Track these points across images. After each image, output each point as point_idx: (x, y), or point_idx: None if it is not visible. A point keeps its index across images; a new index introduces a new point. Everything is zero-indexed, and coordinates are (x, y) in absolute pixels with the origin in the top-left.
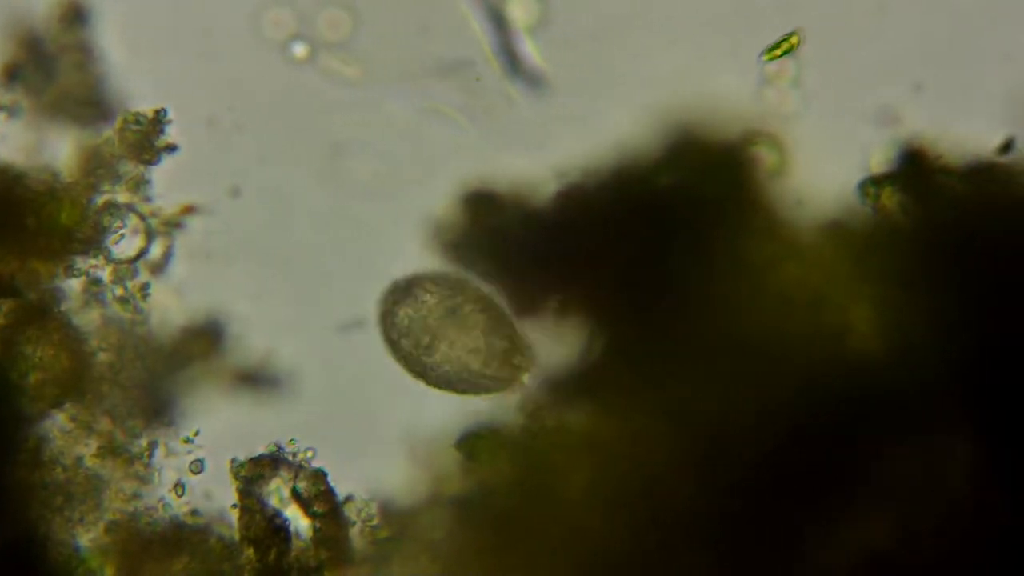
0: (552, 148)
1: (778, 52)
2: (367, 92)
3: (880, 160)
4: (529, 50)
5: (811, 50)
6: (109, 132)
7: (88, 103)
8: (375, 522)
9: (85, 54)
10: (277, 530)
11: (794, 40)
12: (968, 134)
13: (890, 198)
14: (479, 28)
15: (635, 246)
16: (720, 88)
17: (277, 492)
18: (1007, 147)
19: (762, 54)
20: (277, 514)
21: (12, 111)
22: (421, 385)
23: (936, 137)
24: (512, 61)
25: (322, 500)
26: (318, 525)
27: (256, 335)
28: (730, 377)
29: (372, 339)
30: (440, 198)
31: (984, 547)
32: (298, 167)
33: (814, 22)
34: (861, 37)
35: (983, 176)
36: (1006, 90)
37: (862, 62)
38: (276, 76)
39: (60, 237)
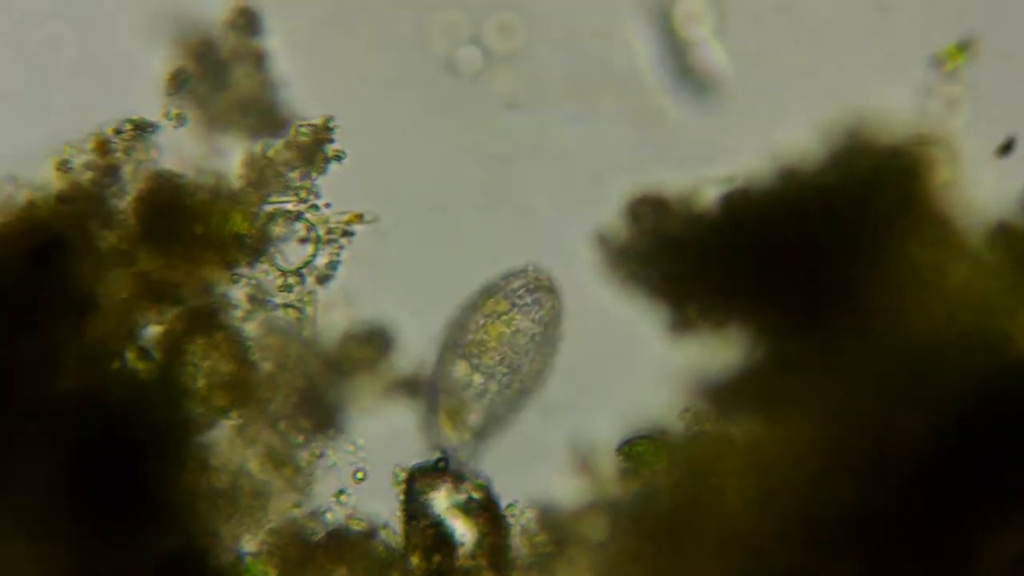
0: (720, 159)
1: (957, 59)
2: (534, 104)
3: None
4: (713, 55)
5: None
6: (277, 140)
7: (259, 112)
8: (537, 529)
9: (257, 63)
10: (441, 537)
11: (964, 49)
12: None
13: None
14: (644, 37)
15: (800, 251)
16: (886, 99)
17: (440, 499)
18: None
19: (935, 63)
20: (441, 521)
21: (180, 119)
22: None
23: None
24: (682, 70)
25: (485, 507)
26: (481, 532)
27: (420, 343)
28: (894, 383)
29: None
30: (607, 208)
31: None
32: (463, 177)
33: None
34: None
35: None
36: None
37: None
38: (444, 85)
39: (228, 245)
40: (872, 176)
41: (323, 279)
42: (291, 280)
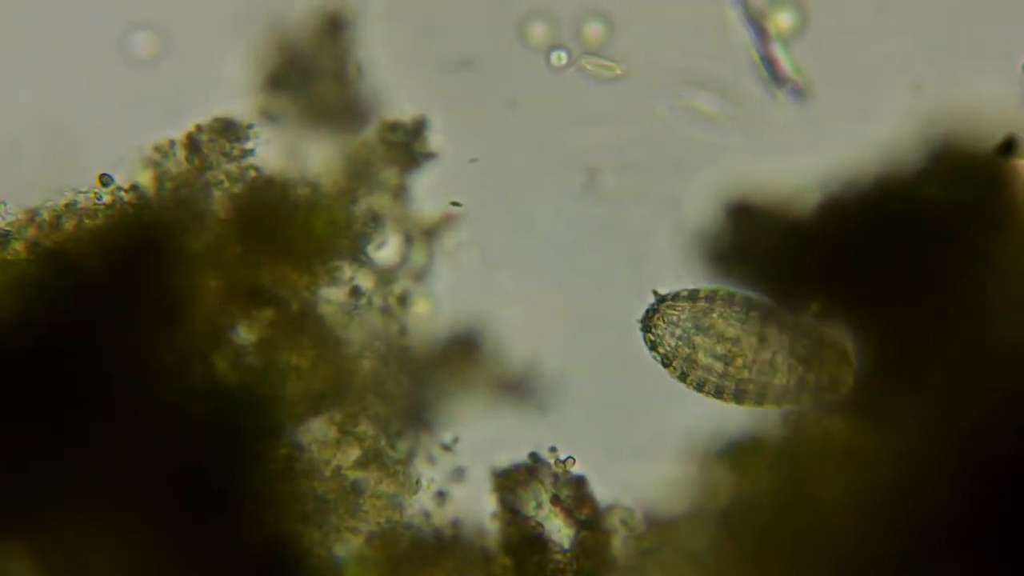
0: (812, 153)
1: None
2: (626, 99)
3: None
4: (783, 59)
5: None
6: (365, 139)
7: (344, 111)
8: (638, 531)
9: (342, 62)
10: (534, 539)
11: None
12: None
13: None
14: (748, 34)
15: (897, 255)
16: (980, 94)
17: (538, 500)
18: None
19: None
20: (535, 522)
21: (276, 118)
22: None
23: None
24: (774, 68)
25: (583, 507)
26: (580, 533)
27: (518, 343)
28: (990, 385)
29: (636, 344)
30: (700, 205)
31: None
32: (556, 175)
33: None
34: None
35: None
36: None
37: None
38: (536, 83)
39: (318, 246)
40: (966, 179)
41: (417, 278)
42: (385, 280)
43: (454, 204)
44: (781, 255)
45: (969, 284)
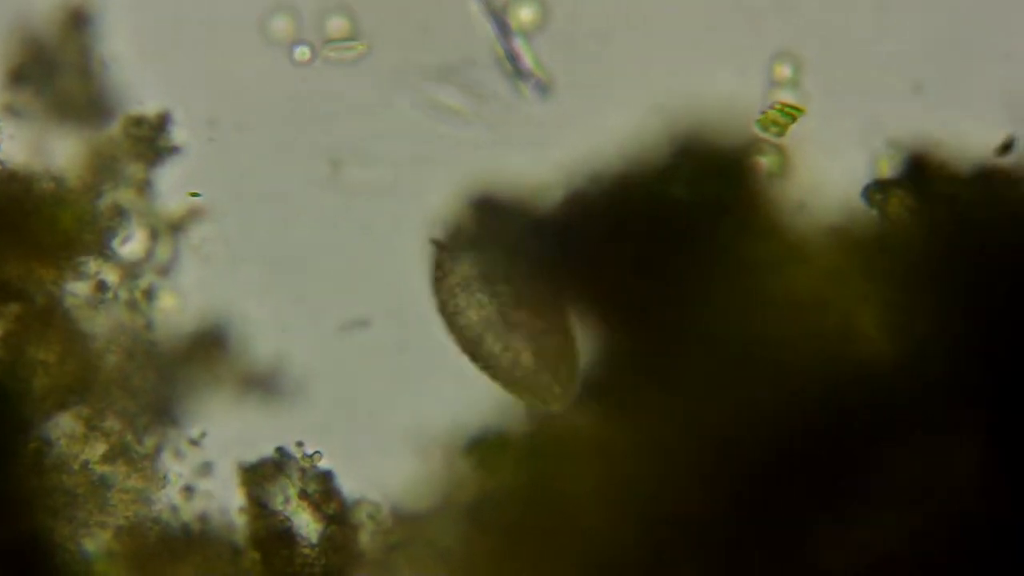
0: (556, 148)
1: (775, 123)
2: (369, 92)
3: (885, 165)
4: (526, 54)
5: (811, 50)
6: (110, 134)
7: (88, 106)
8: (385, 525)
9: (86, 57)
10: (282, 533)
11: (795, 113)
12: (968, 135)
13: (897, 204)
14: (490, 29)
15: (639, 250)
16: (722, 89)
17: (286, 495)
18: (1007, 147)
19: (759, 118)
20: (283, 517)
21: (20, 113)
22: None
23: (939, 141)
24: (517, 63)
25: (330, 502)
26: (327, 528)
27: (264, 338)
28: (736, 380)
29: (380, 339)
30: (444, 199)
31: (990, 547)
32: (300, 169)
33: (813, 21)
34: (860, 37)
35: (988, 181)
36: (1006, 90)
37: (861, 63)
38: (280, 78)
39: (63, 240)
40: (708, 174)
41: (162, 273)
42: (130, 274)
43: (192, 195)
44: (524, 249)
45: (715, 279)
